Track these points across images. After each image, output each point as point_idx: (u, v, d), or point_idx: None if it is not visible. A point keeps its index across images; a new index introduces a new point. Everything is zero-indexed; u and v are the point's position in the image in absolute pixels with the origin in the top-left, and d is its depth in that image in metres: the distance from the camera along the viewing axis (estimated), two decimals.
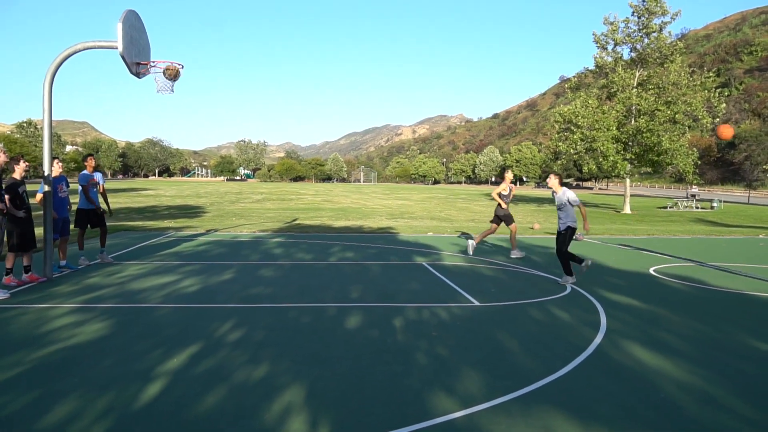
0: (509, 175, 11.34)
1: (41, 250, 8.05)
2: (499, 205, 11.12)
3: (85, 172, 9.15)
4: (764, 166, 45.34)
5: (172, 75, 8.57)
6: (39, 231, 7.89)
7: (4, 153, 6.77)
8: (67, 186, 8.86)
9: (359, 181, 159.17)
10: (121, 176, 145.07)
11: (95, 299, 6.69)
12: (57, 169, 8.53)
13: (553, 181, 8.62)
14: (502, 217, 11.15)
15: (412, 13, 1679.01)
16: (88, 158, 9.34)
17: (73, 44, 7.90)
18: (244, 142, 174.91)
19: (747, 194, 58.35)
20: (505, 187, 11.24)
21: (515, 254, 10.96)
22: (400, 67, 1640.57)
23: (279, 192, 53.50)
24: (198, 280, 8.05)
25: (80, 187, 9.05)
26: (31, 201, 7.62)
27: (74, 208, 9.08)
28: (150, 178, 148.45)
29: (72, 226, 9.02)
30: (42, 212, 7.91)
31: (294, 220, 19.64)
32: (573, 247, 12.09)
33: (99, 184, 9.31)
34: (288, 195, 45.56)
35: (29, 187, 7.74)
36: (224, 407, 3.64)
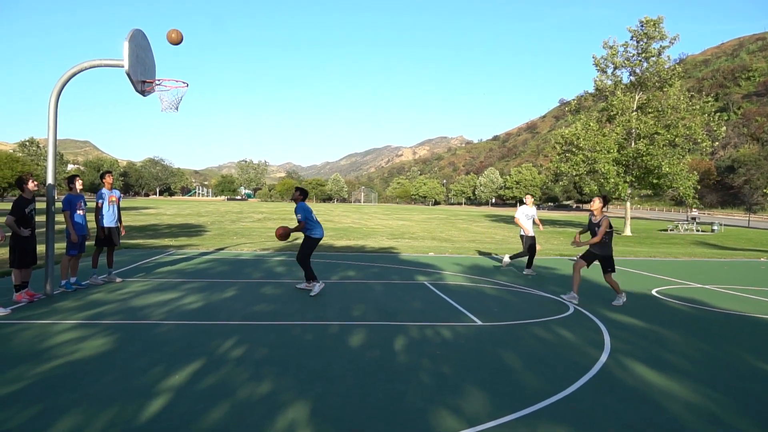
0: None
1: (42, 266, 8.03)
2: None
3: (103, 189, 9.08)
4: (764, 190, 45.37)
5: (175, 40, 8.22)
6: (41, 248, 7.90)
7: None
8: (85, 204, 8.78)
9: (360, 202, 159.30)
10: (122, 195, 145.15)
11: (97, 315, 6.67)
12: (78, 187, 8.55)
13: None
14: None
15: (414, 35, 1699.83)
16: (107, 175, 9.24)
17: (78, 63, 7.99)
18: (245, 161, 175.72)
19: (747, 218, 58.37)
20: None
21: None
22: (402, 88, 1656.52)
23: (280, 211, 53.56)
24: (200, 297, 8.04)
25: (98, 204, 8.99)
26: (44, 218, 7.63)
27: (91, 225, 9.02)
28: (151, 197, 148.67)
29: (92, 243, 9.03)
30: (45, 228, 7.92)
31: (295, 240, 19.62)
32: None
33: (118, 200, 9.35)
34: (289, 215, 45.54)
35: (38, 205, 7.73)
36: (228, 423, 3.62)
